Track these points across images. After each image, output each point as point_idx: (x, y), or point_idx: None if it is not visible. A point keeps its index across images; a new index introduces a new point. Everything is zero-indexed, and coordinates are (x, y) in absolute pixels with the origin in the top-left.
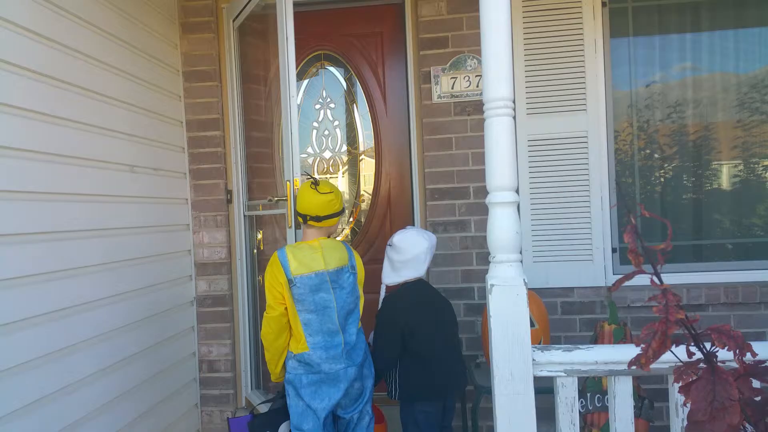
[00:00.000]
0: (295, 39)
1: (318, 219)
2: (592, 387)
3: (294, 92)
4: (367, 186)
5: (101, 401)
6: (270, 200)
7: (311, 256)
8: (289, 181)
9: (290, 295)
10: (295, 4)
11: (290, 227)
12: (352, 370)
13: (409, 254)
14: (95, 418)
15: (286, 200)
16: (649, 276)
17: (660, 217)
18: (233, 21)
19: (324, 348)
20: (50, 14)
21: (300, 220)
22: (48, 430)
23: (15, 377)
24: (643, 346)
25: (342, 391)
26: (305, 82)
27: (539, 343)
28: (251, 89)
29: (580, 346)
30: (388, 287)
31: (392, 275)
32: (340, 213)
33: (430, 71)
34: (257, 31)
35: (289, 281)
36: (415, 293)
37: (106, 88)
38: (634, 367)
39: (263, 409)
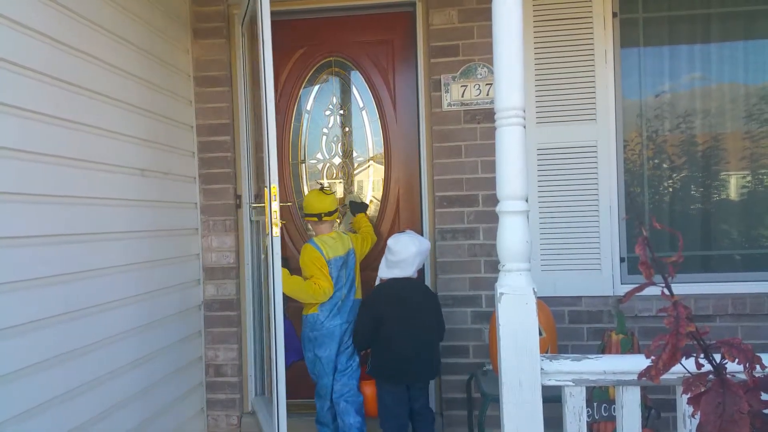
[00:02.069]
0: (306, 46)
1: (330, 214)
2: (599, 396)
3: (271, 97)
4: (376, 192)
5: (108, 404)
6: (254, 206)
7: (334, 244)
8: (266, 187)
9: (329, 270)
10: (306, 11)
11: (267, 233)
12: (346, 325)
13: (400, 256)
14: (102, 421)
15: (264, 206)
16: (659, 287)
17: (671, 229)
18: (241, 26)
19: (328, 308)
20: (63, 18)
21: (315, 219)
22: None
23: (23, 379)
24: (653, 358)
25: (337, 343)
26: (315, 88)
27: (546, 352)
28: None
29: (589, 356)
30: (381, 279)
31: (386, 271)
32: (337, 210)
33: (440, 79)
34: (273, 40)
35: (327, 263)
36: (395, 290)
37: (117, 92)
38: (644, 379)
39: None
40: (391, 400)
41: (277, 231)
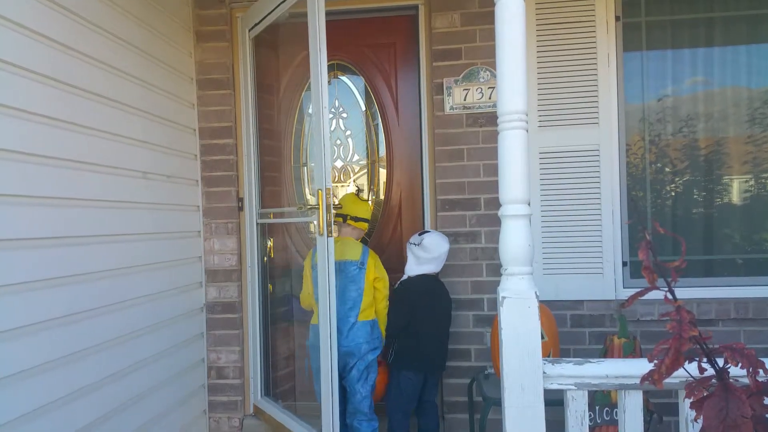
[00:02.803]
0: (308, 49)
1: (356, 219)
2: (601, 400)
3: (326, 103)
4: (378, 195)
5: (110, 407)
6: (300, 208)
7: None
8: (320, 189)
9: (312, 276)
10: (297, 15)
11: (321, 234)
12: (343, 349)
13: (436, 253)
14: (104, 423)
15: (318, 209)
16: (662, 292)
17: (674, 234)
18: (249, 31)
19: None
20: (66, 20)
21: (340, 220)
22: None
23: (24, 381)
24: (656, 362)
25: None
26: None
27: (548, 356)
28: (264, 98)
29: (591, 360)
30: (409, 277)
31: (415, 268)
32: (368, 220)
33: (442, 82)
34: (272, 41)
35: (312, 266)
36: (427, 284)
37: (120, 95)
38: (646, 383)
39: None
40: (407, 387)
41: (331, 232)
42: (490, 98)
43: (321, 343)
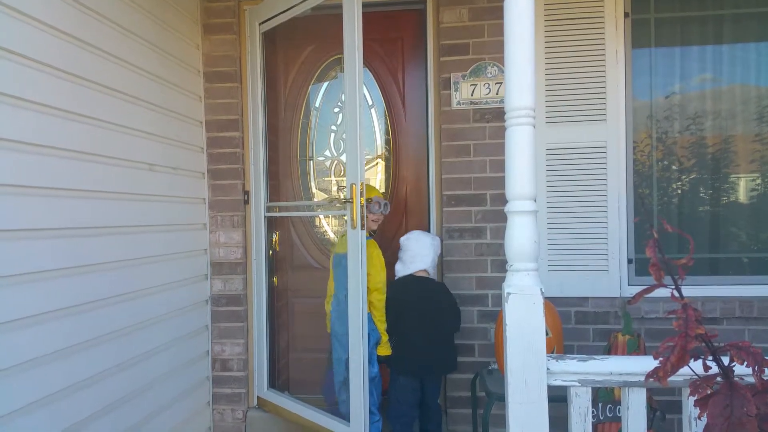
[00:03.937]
0: (315, 43)
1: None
2: (604, 397)
3: (361, 99)
4: (383, 190)
5: (114, 398)
6: (331, 201)
7: (344, 240)
8: (354, 184)
9: (331, 267)
10: (313, 9)
11: (354, 228)
12: (346, 338)
13: (415, 250)
14: (107, 414)
15: (351, 202)
16: (668, 290)
17: (683, 232)
18: (260, 24)
19: (335, 310)
20: (74, 12)
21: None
22: (59, 426)
23: (28, 372)
24: (661, 359)
25: (344, 349)
26: (324, 85)
27: (552, 352)
28: (270, 92)
29: (595, 357)
30: (397, 279)
31: (402, 269)
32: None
33: (449, 78)
34: (280, 34)
35: (333, 257)
36: (414, 286)
37: (128, 87)
38: (651, 380)
39: None
40: (403, 393)
41: (363, 225)
42: (497, 94)
43: (350, 334)
